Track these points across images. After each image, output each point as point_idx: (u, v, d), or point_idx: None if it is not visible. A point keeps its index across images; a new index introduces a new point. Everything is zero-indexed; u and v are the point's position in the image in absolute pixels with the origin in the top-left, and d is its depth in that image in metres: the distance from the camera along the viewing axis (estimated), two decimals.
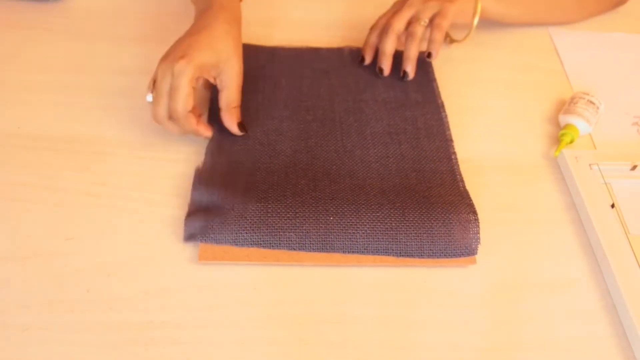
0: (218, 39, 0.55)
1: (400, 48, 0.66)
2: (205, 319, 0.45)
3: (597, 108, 0.63)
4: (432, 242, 0.49)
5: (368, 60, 0.68)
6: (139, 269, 0.48)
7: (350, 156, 0.57)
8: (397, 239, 0.49)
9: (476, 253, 0.50)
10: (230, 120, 0.57)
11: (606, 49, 0.76)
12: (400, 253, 0.49)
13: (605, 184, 0.57)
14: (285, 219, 0.50)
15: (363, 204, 0.51)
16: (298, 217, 0.50)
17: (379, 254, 0.49)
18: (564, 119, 0.63)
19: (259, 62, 0.67)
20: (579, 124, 0.61)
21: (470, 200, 0.53)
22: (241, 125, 0.58)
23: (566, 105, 0.64)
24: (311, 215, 0.50)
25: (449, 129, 0.60)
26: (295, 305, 0.47)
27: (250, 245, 0.49)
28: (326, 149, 0.57)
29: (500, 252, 0.52)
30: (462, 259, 0.50)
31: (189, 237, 0.49)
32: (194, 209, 0.51)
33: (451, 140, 0.59)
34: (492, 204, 0.56)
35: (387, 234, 0.49)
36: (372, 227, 0.49)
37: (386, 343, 0.45)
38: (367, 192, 0.52)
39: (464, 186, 0.55)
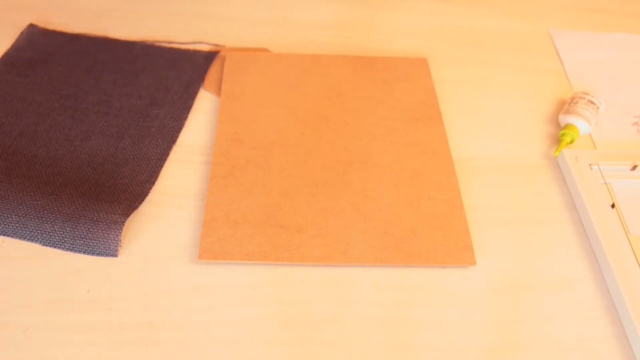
0: None
1: None
2: (205, 319, 0.45)
3: (597, 108, 0.63)
4: (73, 236, 0.48)
5: None
6: (139, 269, 0.48)
7: (68, 145, 0.56)
8: (42, 227, 0.48)
9: (116, 255, 0.49)
10: None
11: (606, 49, 0.76)
12: (44, 242, 0.49)
13: (605, 184, 0.57)
14: None
15: (33, 189, 0.51)
16: None
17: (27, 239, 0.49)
18: (564, 119, 0.63)
19: (49, 47, 0.67)
20: (579, 124, 0.61)
21: (136, 203, 0.51)
22: None
23: (566, 105, 0.64)
24: None
25: (178, 131, 0.59)
26: (295, 305, 0.47)
27: None
28: (49, 135, 0.57)
29: (500, 252, 0.52)
30: (461, 259, 0.50)
31: None
32: None
33: (173, 143, 0.58)
34: (492, 204, 0.56)
35: (35, 220, 0.49)
36: (25, 211, 0.49)
37: (386, 343, 0.45)
38: (47, 181, 0.52)
39: (147, 189, 0.53)
